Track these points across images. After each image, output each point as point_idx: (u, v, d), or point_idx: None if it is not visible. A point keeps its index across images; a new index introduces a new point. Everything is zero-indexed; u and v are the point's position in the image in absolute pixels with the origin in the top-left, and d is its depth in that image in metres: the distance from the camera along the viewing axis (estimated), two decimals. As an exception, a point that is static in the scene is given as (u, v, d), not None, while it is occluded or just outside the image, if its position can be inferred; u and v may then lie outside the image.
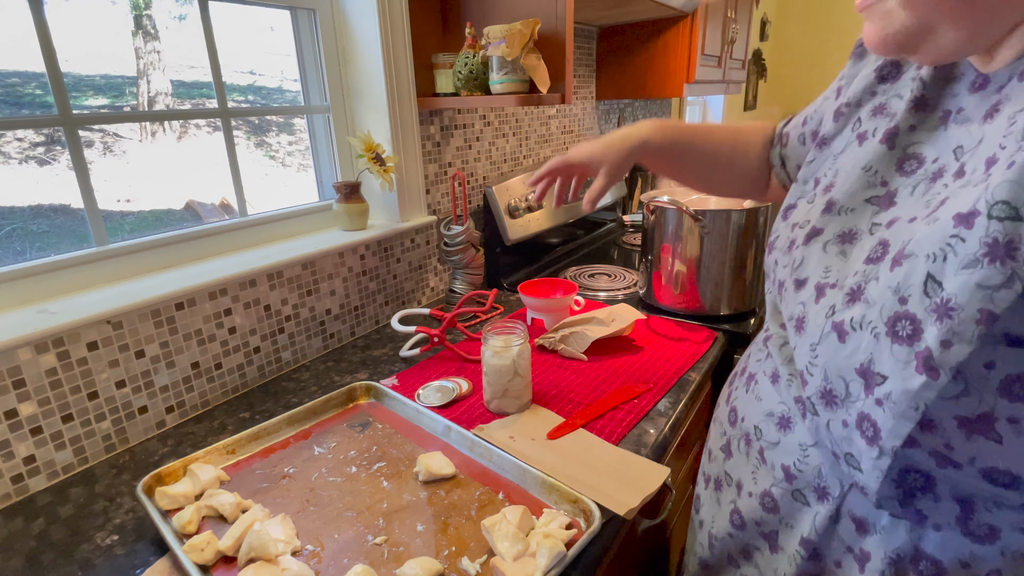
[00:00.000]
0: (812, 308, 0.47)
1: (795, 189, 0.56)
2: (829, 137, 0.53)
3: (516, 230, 1.45)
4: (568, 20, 1.17)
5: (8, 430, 0.74)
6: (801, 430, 0.52)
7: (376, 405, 0.93)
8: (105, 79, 0.92)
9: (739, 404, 0.63)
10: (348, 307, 1.19)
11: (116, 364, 0.83)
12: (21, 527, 0.70)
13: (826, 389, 0.45)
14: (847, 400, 0.43)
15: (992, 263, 0.33)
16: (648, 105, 2.51)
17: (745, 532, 0.60)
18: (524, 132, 1.69)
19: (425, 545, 0.64)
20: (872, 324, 0.40)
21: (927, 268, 0.36)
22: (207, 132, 1.04)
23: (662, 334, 1.15)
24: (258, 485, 0.75)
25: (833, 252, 0.47)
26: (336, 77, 1.19)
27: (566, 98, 1.21)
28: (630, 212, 2.27)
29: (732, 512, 0.62)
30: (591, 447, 0.80)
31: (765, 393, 0.59)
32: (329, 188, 1.25)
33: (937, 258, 0.36)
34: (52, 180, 0.86)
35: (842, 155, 0.52)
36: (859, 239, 0.46)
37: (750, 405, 0.61)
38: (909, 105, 0.46)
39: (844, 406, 0.44)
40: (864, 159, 0.48)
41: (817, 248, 0.48)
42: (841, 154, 0.52)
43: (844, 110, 0.53)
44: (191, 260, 0.99)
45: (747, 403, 0.62)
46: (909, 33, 0.39)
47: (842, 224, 0.47)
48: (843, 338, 0.43)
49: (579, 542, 0.61)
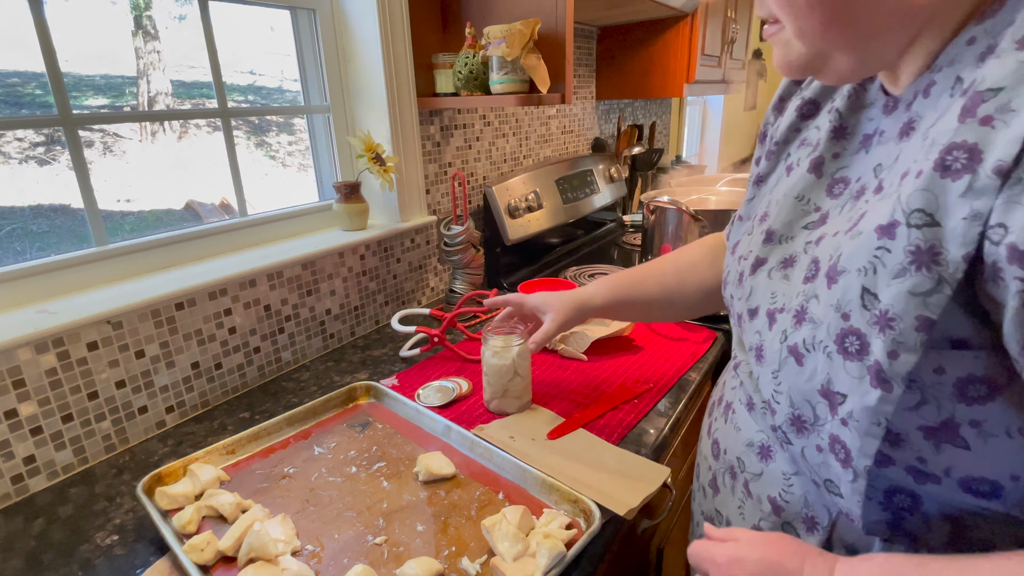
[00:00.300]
0: (767, 335, 0.48)
1: (739, 226, 0.60)
2: (764, 175, 0.58)
3: (516, 230, 1.45)
4: (568, 20, 1.17)
5: (8, 430, 0.74)
6: (782, 458, 0.51)
7: (376, 405, 0.93)
8: (105, 79, 0.92)
9: (720, 436, 0.62)
10: (348, 307, 1.19)
11: (116, 364, 0.83)
12: (21, 527, 0.70)
13: (795, 415, 0.45)
14: (816, 424, 0.43)
15: (919, 270, 0.34)
16: (648, 105, 2.51)
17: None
18: (524, 132, 1.69)
19: (425, 545, 0.64)
20: (823, 343, 0.41)
21: (861, 282, 0.38)
22: (207, 132, 1.04)
23: (662, 334, 1.15)
24: (258, 485, 0.75)
25: (777, 278, 0.49)
26: (336, 77, 1.19)
27: (566, 98, 1.21)
28: (630, 212, 2.27)
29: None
30: (591, 447, 0.80)
31: (743, 423, 0.57)
32: (329, 188, 1.25)
33: (868, 271, 0.37)
34: (52, 180, 0.86)
35: (776, 188, 0.55)
36: (797, 261, 0.47)
37: (730, 436, 0.60)
38: (829, 135, 0.50)
39: (815, 430, 0.44)
40: (795, 189, 0.51)
41: (763, 277, 0.50)
42: (775, 187, 0.55)
43: (774, 148, 0.56)
44: (191, 260, 0.99)
45: (727, 434, 0.60)
46: (807, 60, 0.42)
47: (783, 251, 0.49)
48: (800, 361, 0.43)
49: (579, 542, 0.61)
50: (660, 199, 1.19)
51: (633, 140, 2.24)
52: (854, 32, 0.39)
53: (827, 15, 0.38)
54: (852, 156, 0.48)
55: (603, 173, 1.91)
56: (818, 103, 0.54)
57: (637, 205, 2.31)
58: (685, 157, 3.14)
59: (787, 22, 0.41)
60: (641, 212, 1.80)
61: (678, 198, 1.19)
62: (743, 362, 0.55)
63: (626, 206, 2.26)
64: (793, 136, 0.56)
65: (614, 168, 1.98)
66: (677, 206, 1.15)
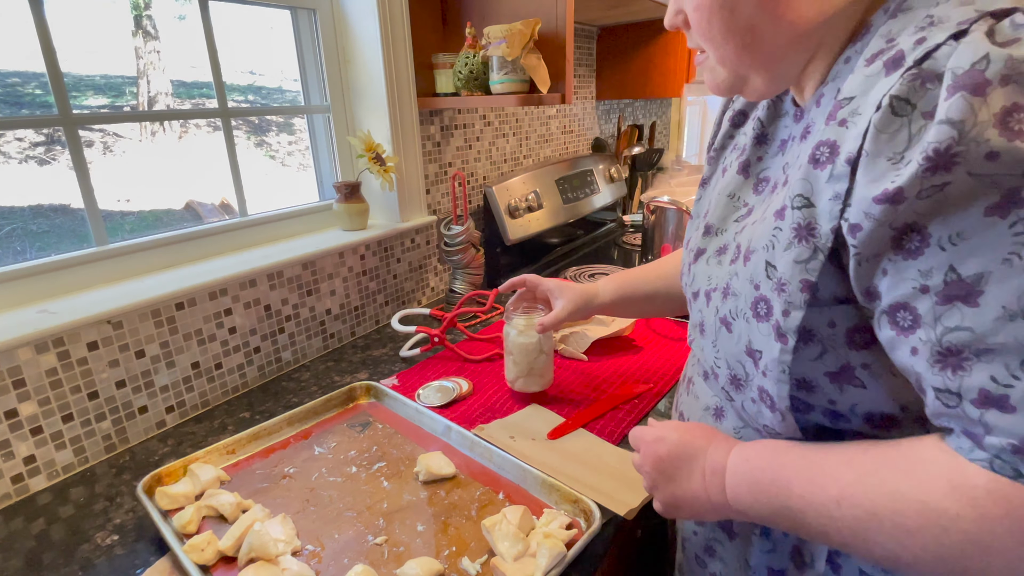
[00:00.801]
0: (706, 312, 0.56)
1: (691, 223, 0.67)
2: (707, 178, 0.66)
3: (516, 230, 1.45)
4: (568, 20, 1.17)
5: (8, 430, 0.74)
6: (731, 415, 0.58)
7: (376, 405, 0.93)
8: (105, 79, 0.92)
9: (684, 407, 0.67)
10: (348, 307, 1.19)
11: (116, 364, 0.83)
12: (21, 527, 0.70)
13: (732, 376, 0.53)
14: (748, 380, 0.51)
15: (800, 242, 0.42)
16: (648, 105, 2.51)
17: (705, 527, 0.64)
18: (524, 132, 1.69)
19: (425, 545, 0.64)
20: (743, 311, 0.49)
21: (765, 257, 0.46)
22: (207, 132, 1.04)
23: (662, 334, 1.15)
24: (258, 485, 0.75)
25: (713, 264, 0.57)
26: (336, 77, 1.19)
27: (566, 98, 1.21)
28: (630, 212, 2.27)
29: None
30: (591, 447, 0.80)
31: (701, 391, 0.63)
32: (329, 188, 1.25)
33: (769, 247, 0.46)
34: (52, 180, 0.86)
35: (714, 188, 0.63)
36: (728, 249, 0.55)
37: (691, 405, 0.65)
38: (752, 141, 0.58)
39: (747, 385, 0.51)
40: (728, 188, 0.59)
41: (703, 264, 0.58)
42: (714, 188, 0.63)
43: (713, 154, 0.65)
44: (191, 260, 0.99)
45: (689, 404, 0.65)
46: (730, 82, 0.50)
47: (719, 242, 0.58)
48: (729, 328, 0.51)
49: (579, 542, 0.61)
50: (660, 199, 1.19)
51: (633, 140, 2.24)
52: (761, 57, 0.47)
53: (738, 44, 0.46)
54: (772, 159, 0.56)
55: (603, 173, 1.91)
56: (746, 113, 0.62)
57: (637, 205, 2.31)
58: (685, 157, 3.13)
59: (709, 51, 0.49)
60: (641, 212, 1.80)
61: (678, 198, 1.19)
62: (695, 339, 0.62)
63: (626, 206, 2.26)
64: (727, 143, 0.64)
65: (614, 168, 1.98)
66: (677, 206, 1.15)
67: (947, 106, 0.33)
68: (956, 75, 0.33)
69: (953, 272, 0.35)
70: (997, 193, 0.33)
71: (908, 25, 0.39)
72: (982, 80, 0.32)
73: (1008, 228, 0.33)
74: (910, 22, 0.39)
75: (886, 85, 0.37)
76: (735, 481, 0.49)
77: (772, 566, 0.56)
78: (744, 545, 0.59)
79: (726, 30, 0.46)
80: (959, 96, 0.33)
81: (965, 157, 0.33)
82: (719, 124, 0.67)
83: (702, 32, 0.48)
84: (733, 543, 0.60)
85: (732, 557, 0.60)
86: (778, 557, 0.55)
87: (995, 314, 0.34)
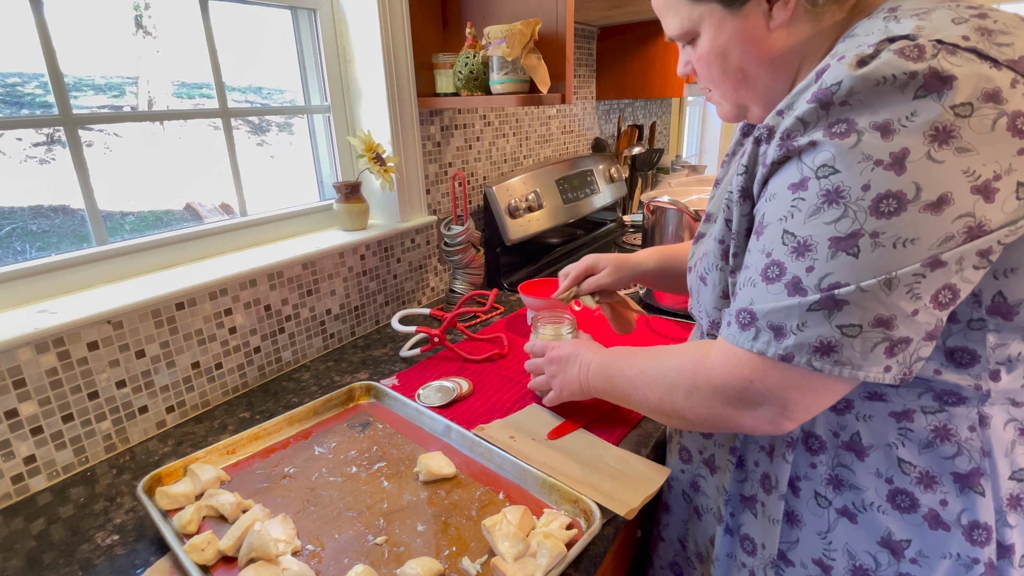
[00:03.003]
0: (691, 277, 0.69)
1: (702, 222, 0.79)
2: (719, 180, 0.75)
3: (516, 230, 1.45)
4: (568, 20, 1.17)
5: (8, 430, 0.74)
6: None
7: (376, 405, 0.93)
8: (105, 79, 0.92)
9: None
10: (348, 307, 1.19)
11: (116, 364, 0.83)
12: (21, 527, 0.70)
13: (713, 322, 0.64)
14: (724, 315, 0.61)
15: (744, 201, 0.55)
16: (648, 105, 2.51)
17: (691, 465, 0.75)
18: (524, 132, 1.69)
19: (426, 545, 0.64)
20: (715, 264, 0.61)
21: (723, 216, 0.58)
22: (207, 132, 1.04)
23: (662, 334, 1.15)
24: (258, 485, 0.74)
25: (702, 242, 0.68)
26: (336, 77, 1.19)
27: (566, 98, 1.21)
28: (630, 212, 2.27)
29: (680, 450, 0.77)
30: (591, 447, 0.80)
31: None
32: (329, 188, 1.25)
33: (724, 209, 0.58)
34: (52, 180, 0.86)
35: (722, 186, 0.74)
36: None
37: None
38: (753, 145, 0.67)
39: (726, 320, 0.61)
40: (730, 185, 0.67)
41: (700, 244, 0.70)
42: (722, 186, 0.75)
43: (727, 159, 0.74)
44: (191, 260, 0.99)
45: None
46: (734, 112, 0.63)
47: (712, 227, 0.67)
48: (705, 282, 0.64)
49: (580, 542, 0.61)
50: (660, 199, 1.19)
51: (633, 140, 2.24)
52: (755, 90, 0.59)
53: (734, 83, 0.59)
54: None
55: (603, 173, 1.91)
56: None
57: (637, 205, 2.31)
58: (685, 157, 3.13)
59: (713, 90, 0.62)
60: (641, 212, 1.80)
61: (678, 198, 1.19)
62: (692, 306, 0.72)
63: (626, 206, 2.26)
64: (737, 148, 0.73)
65: (614, 168, 1.98)
66: (677, 206, 1.16)
67: (805, 108, 0.47)
68: (820, 88, 0.46)
69: (762, 216, 0.51)
70: (798, 175, 0.48)
71: (843, 49, 0.49)
72: (829, 99, 0.45)
73: (791, 196, 0.48)
74: (845, 47, 0.49)
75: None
76: (595, 368, 0.73)
77: (743, 492, 0.67)
78: (721, 476, 0.70)
79: (723, 73, 0.58)
80: (813, 106, 0.46)
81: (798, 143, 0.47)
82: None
83: (705, 76, 0.61)
84: (714, 476, 0.72)
85: (712, 488, 0.73)
86: (748, 484, 0.66)
87: (759, 248, 0.51)
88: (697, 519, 0.76)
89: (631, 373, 0.65)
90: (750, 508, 0.66)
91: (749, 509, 0.66)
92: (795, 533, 0.62)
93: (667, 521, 0.81)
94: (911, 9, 0.48)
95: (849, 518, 0.58)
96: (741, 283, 0.53)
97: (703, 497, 0.74)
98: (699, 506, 0.75)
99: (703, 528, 0.75)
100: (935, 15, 0.46)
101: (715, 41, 0.56)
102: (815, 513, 0.60)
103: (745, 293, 0.52)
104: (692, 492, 0.76)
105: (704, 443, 0.73)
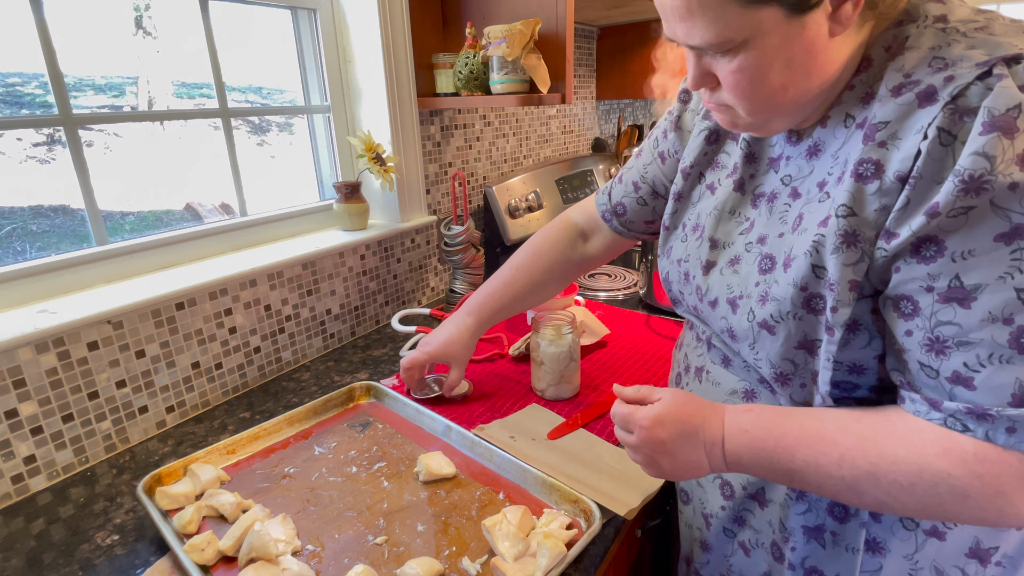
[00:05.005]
0: (733, 319, 0.60)
1: (665, 235, 0.72)
2: (685, 193, 0.70)
3: (516, 230, 1.45)
4: (568, 20, 1.17)
5: (8, 430, 0.74)
6: (766, 397, 0.62)
7: (376, 405, 0.93)
8: (105, 79, 0.92)
9: (699, 394, 0.68)
10: (348, 307, 1.19)
11: (116, 364, 0.83)
12: (21, 527, 0.70)
13: (779, 373, 0.57)
14: (797, 371, 0.56)
15: (848, 247, 0.48)
16: (648, 105, 2.51)
17: (735, 500, 0.67)
18: (524, 132, 1.69)
19: (426, 545, 0.64)
20: (790, 312, 0.54)
21: (810, 262, 0.51)
22: (207, 132, 1.04)
23: (662, 334, 1.15)
24: (258, 485, 0.75)
25: (728, 274, 0.62)
26: (336, 77, 1.19)
27: (566, 98, 1.21)
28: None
29: (722, 485, 0.69)
30: (591, 447, 0.80)
31: (722, 377, 0.66)
32: (329, 188, 1.25)
33: (810, 253, 0.51)
34: (52, 180, 0.86)
35: (699, 203, 0.68)
36: (743, 260, 0.61)
37: (709, 392, 0.68)
38: (743, 160, 0.63)
39: (797, 376, 0.56)
40: (727, 205, 0.64)
41: (716, 275, 0.63)
42: (698, 202, 0.68)
43: (689, 171, 0.69)
44: (191, 260, 0.99)
45: (706, 391, 0.68)
46: (752, 124, 0.55)
47: (728, 254, 0.63)
48: (772, 331, 0.56)
49: (579, 542, 0.61)
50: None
51: (633, 140, 2.24)
52: (790, 107, 0.52)
53: (769, 101, 0.51)
54: (763, 176, 0.61)
55: (603, 173, 1.91)
56: (719, 132, 0.67)
57: (637, 205, 2.31)
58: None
59: (737, 106, 0.53)
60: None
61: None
62: (712, 334, 0.67)
63: (626, 206, 2.26)
64: (702, 159, 0.68)
65: (614, 168, 1.98)
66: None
67: (983, 141, 0.41)
68: (993, 115, 0.41)
69: (957, 280, 0.44)
70: (1007, 224, 0.41)
71: (919, 63, 0.46)
72: (1013, 125, 0.40)
73: (1009, 253, 0.42)
74: (920, 60, 0.46)
75: (927, 116, 0.44)
76: (735, 448, 0.56)
77: (807, 524, 0.61)
78: (779, 510, 0.63)
79: (762, 87, 0.51)
80: (995, 135, 0.40)
81: (992, 185, 0.41)
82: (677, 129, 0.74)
83: (736, 90, 0.52)
84: (765, 511, 0.65)
85: (764, 523, 0.65)
86: (813, 515, 0.61)
87: (981, 316, 0.43)
88: (745, 555, 0.68)
89: (822, 463, 0.51)
90: (817, 539, 0.61)
91: (816, 540, 0.61)
92: (877, 561, 0.58)
93: (706, 559, 0.73)
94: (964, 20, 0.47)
95: (938, 536, 0.56)
96: (973, 366, 0.44)
97: (750, 532, 0.67)
98: (745, 541, 0.68)
99: (753, 564, 0.68)
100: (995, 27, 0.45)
101: (768, 52, 0.48)
102: (902, 538, 0.57)
103: (1001, 375, 0.43)
104: (736, 527, 0.68)
105: (749, 478, 0.66)
